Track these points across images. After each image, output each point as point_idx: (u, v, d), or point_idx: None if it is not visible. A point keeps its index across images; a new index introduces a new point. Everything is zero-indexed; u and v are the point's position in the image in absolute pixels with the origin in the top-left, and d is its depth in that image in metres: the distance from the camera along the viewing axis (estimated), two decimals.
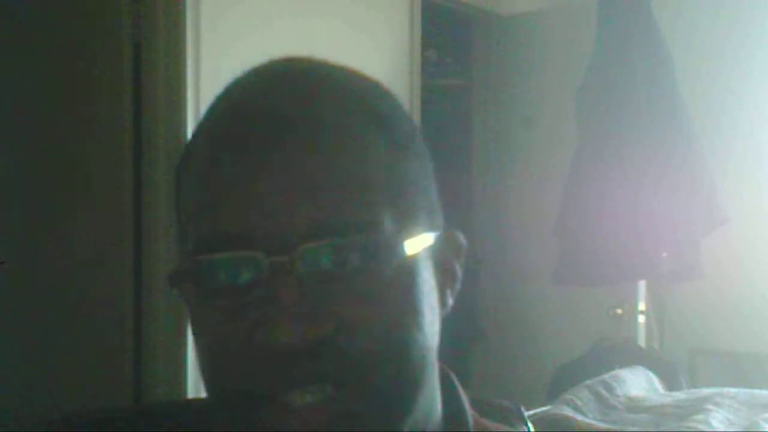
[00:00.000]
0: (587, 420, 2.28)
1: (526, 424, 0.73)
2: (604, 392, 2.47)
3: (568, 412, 2.30)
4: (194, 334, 0.63)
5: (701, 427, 2.17)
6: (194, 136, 0.67)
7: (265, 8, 2.58)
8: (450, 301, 0.68)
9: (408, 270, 0.61)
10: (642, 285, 3.18)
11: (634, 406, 2.45)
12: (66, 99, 2.59)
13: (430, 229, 0.65)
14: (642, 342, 3.18)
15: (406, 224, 0.62)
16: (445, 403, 0.69)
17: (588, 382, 2.53)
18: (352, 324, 0.59)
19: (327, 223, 0.58)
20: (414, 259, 0.62)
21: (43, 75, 2.64)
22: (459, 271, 0.68)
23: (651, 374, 2.75)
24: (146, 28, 2.39)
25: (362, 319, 0.59)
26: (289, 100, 0.63)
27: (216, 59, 2.42)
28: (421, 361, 0.62)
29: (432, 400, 0.67)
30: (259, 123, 0.61)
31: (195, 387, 2.36)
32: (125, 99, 2.42)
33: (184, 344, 2.35)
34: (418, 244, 0.62)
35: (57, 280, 2.59)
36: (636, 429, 2.25)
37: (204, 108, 0.70)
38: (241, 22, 2.52)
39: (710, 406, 2.31)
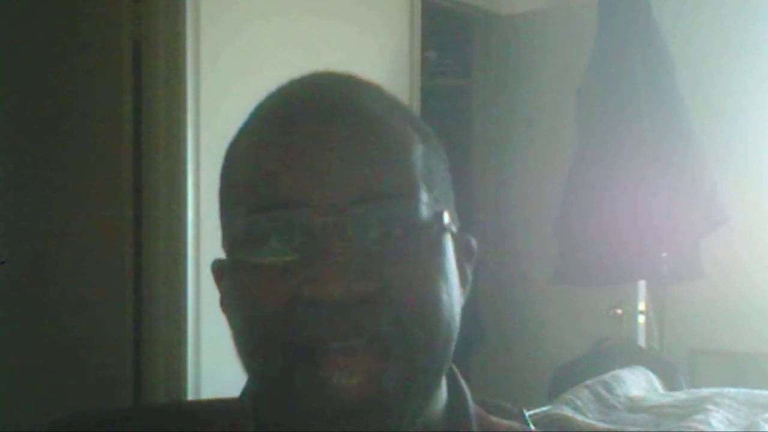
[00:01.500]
0: (587, 420, 2.28)
1: (528, 426, 0.73)
2: (604, 392, 2.47)
3: (568, 412, 2.30)
4: (239, 294, 0.66)
5: (701, 427, 2.17)
6: (243, 127, 0.73)
7: (265, 8, 2.58)
8: (462, 300, 0.71)
9: (441, 244, 0.66)
10: (642, 285, 3.18)
11: (634, 406, 2.45)
12: (66, 99, 2.59)
13: (454, 224, 0.69)
14: (642, 342, 3.18)
15: (440, 207, 0.67)
16: (449, 396, 0.72)
17: (588, 382, 2.53)
18: (395, 284, 0.62)
19: (374, 191, 0.64)
20: (446, 234, 0.67)
21: (42, 74, 2.63)
22: (469, 274, 0.73)
23: (651, 374, 2.75)
24: (146, 27, 2.39)
25: (404, 280, 0.63)
26: (336, 93, 0.69)
27: (216, 59, 2.42)
28: (450, 335, 0.66)
29: (441, 387, 0.70)
30: (311, 107, 0.67)
31: (195, 387, 2.36)
32: (125, 99, 2.42)
33: (184, 344, 2.35)
34: (450, 223, 0.67)
35: (57, 279, 2.59)
36: (636, 429, 2.25)
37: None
38: (241, 22, 2.52)
39: (710, 406, 2.31)
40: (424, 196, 0.65)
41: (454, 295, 0.66)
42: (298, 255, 0.63)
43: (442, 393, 0.71)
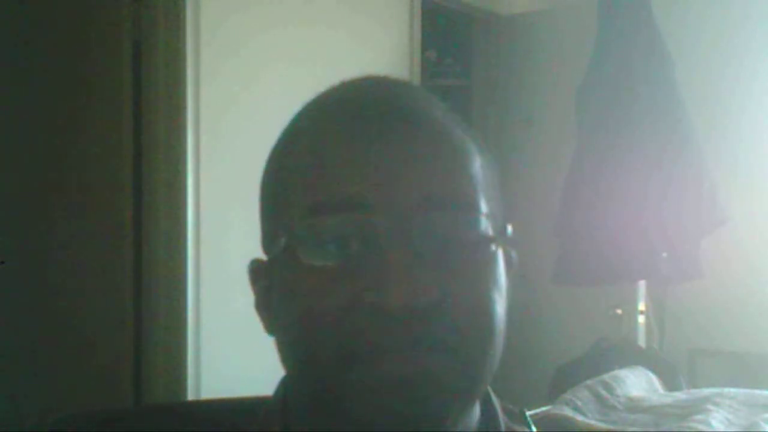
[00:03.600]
0: (587, 420, 2.28)
1: (530, 427, 0.73)
2: (604, 392, 2.47)
3: (568, 412, 2.30)
4: (291, 299, 0.64)
5: (701, 427, 2.17)
6: (294, 127, 0.70)
7: (265, 8, 2.58)
8: None
9: (497, 258, 0.66)
10: (642, 285, 3.18)
11: (634, 406, 2.45)
12: (66, 99, 2.59)
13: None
14: (642, 342, 3.18)
15: (499, 221, 0.67)
16: (480, 404, 0.72)
17: (588, 382, 2.52)
18: (455, 294, 0.62)
19: (438, 198, 0.63)
20: (499, 249, 0.67)
21: (43, 75, 2.64)
22: (510, 286, 0.71)
23: (651, 374, 2.74)
24: (146, 28, 2.39)
25: (463, 290, 0.63)
26: (399, 97, 0.68)
27: (216, 59, 2.42)
28: (500, 348, 0.66)
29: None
30: (376, 109, 0.65)
31: (195, 387, 2.36)
32: (125, 99, 2.42)
33: (184, 344, 2.35)
34: (506, 238, 0.68)
35: (57, 279, 2.59)
36: (636, 429, 2.25)
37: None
38: (242, 22, 2.52)
39: (710, 406, 2.31)
40: (485, 208, 0.65)
41: (502, 306, 0.66)
42: (359, 258, 0.62)
43: (476, 409, 0.71)
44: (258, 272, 0.71)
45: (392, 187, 0.62)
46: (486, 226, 0.65)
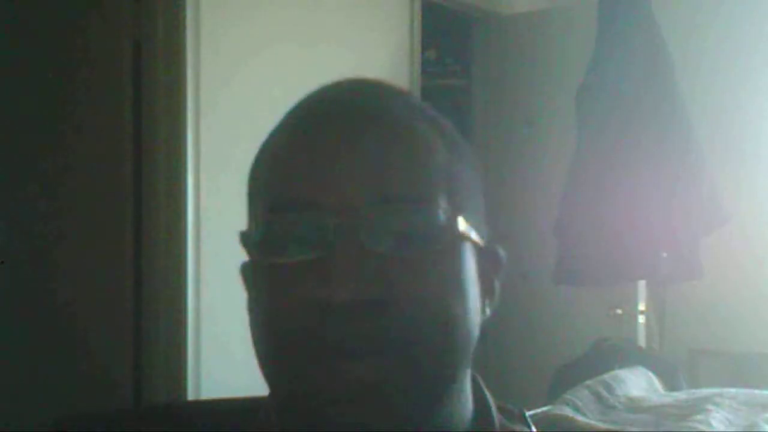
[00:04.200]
0: (587, 420, 2.28)
1: (530, 427, 0.73)
2: (604, 392, 2.47)
3: (568, 412, 2.30)
4: (257, 295, 0.67)
5: (701, 427, 2.17)
6: (273, 130, 0.72)
7: (265, 8, 2.58)
8: (488, 311, 0.71)
9: (458, 253, 0.65)
10: (642, 285, 3.18)
11: (634, 406, 2.45)
12: (66, 99, 2.59)
13: (477, 234, 0.69)
14: (642, 342, 3.18)
15: (458, 215, 0.66)
16: (475, 406, 0.72)
17: (588, 382, 2.52)
18: (404, 291, 0.62)
19: (390, 196, 0.63)
20: (463, 244, 0.66)
21: (42, 74, 2.63)
22: (497, 286, 0.72)
23: (651, 374, 2.75)
24: (146, 28, 2.39)
25: (413, 288, 0.62)
26: (361, 97, 0.69)
27: (216, 59, 2.42)
28: (462, 345, 0.65)
29: (463, 397, 0.70)
30: (333, 110, 0.67)
31: (195, 387, 2.36)
32: (125, 99, 2.42)
33: (184, 344, 2.35)
34: (468, 231, 0.66)
35: (57, 279, 2.59)
36: (636, 429, 2.25)
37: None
38: (241, 23, 2.52)
39: (710, 406, 2.31)
40: (442, 203, 0.65)
41: (469, 305, 0.65)
42: (312, 256, 0.63)
43: (467, 402, 0.70)
44: (245, 273, 0.72)
45: (342, 185, 0.63)
46: (443, 221, 0.64)
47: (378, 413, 0.62)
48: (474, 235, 0.67)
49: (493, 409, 0.73)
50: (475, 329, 0.67)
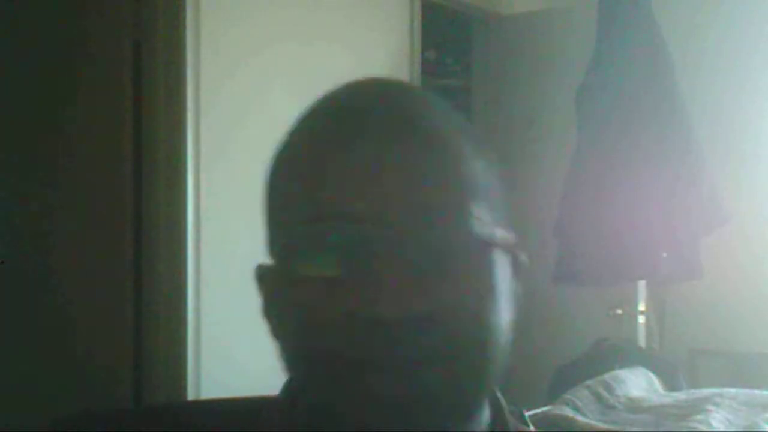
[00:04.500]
0: (587, 420, 2.28)
1: (528, 427, 0.73)
2: (604, 392, 2.47)
3: (568, 412, 2.30)
4: (286, 305, 0.65)
5: (701, 427, 2.17)
6: (294, 131, 0.70)
7: (265, 8, 2.58)
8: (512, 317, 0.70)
9: (495, 263, 0.65)
10: (642, 285, 3.18)
11: (634, 406, 2.45)
12: (66, 98, 2.59)
13: (508, 240, 0.69)
14: (642, 342, 3.18)
15: (495, 224, 0.66)
16: (491, 413, 0.72)
17: (588, 382, 2.52)
18: (446, 303, 0.61)
19: (429, 207, 0.62)
20: (497, 252, 0.66)
21: (43, 74, 2.63)
22: (519, 290, 0.72)
23: (651, 374, 2.74)
24: (146, 27, 2.39)
25: (454, 299, 0.62)
26: (394, 103, 0.67)
27: (216, 59, 2.42)
28: (500, 355, 0.65)
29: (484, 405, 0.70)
30: (369, 118, 0.65)
31: (195, 387, 2.36)
32: (125, 99, 2.42)
33: (184, 344, 2.35)
34: (503, 240, 0.66)
35: (57, 279, 2.59)
36: (636, 429, 2.25)
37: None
38: (241, 23, 2.52)
39: (710, 406, 2.31)
40: (479, 213, 0.64)
41: (503, 313, 0.66)
42: (352, 270, 0.61)
43: (485, 410, 0.71)
44: (263, 278, 0.71)
45: (384, 197, 0.62)
46: (482, 232, 0.64)
47: (418, 426, 0.61)
48: (507, 243, 0.67)
49: (506, 410, 0.73)
50: (509, 337, 0.67)
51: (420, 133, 0.65)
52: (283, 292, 0.65)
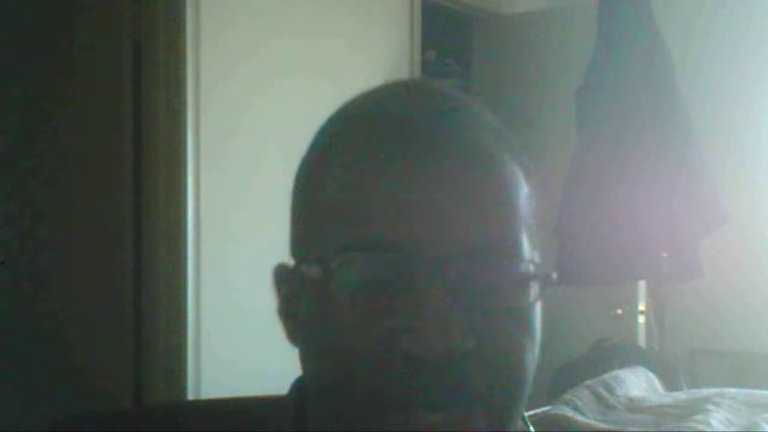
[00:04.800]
0: (587, 420, 2.28)
1: (528, 426, 0.73)
2: (604, 392, 2.47)
3: (568, 412, 2.30)
4: (319, 329, 0.63)
5: (701, 427, 2.17)
6: (333, 137, 0.67)
7: (265, 8, 2.58)
8: None
9: (536, 298, 0.64)
10: (642, 285, 3.18)
11: (634, 406, 2.45)
12: (66, 98, 2.59)
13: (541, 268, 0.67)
14: (642, 342, 3.18)
15: (536, 257, 0.64)
16: None
17: (588, 382, 2.52)
18: (491, 342, 0.60)
19: (480, 242, 0.61)
20: (539, 285, 0.64)
21: (43, 74, 2.64)
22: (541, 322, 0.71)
23: (651, 374, 2.74)
24: (146, 27, 2.40)
25: (498, 339, 0.61)
26: (442, 117, 0.64)
27: (216, 58, 2.42)
28: (527, 388, 0.64)
29: None
30: (417, 136, 0.62)
31: (195, 387, 2.36)
32: (125, 99, 2.42)
33: (184, 344, 2.35)
34: (542, 271, 0.64)
35: (56, 280, 2.59)
36: (636, 429, 2.25)
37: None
38: (241, 23, 2.52)
39: (710, 406, 2.31)
40: (527, 249, 0.63)
41: (536, 349, 0.64)
42: (395, 299, 0.60)
43: None
44: (283, 278, 0.69)
45: (433, 229, 0.60)
46: (531, 270, 0.63)
47: None
48: (546, 276, 0.65)
49: (528, 423, 0.73)
50: (535, 367, 0.66)
51: (474, 157, 0.63)
52: (319, 312, 0.63)
